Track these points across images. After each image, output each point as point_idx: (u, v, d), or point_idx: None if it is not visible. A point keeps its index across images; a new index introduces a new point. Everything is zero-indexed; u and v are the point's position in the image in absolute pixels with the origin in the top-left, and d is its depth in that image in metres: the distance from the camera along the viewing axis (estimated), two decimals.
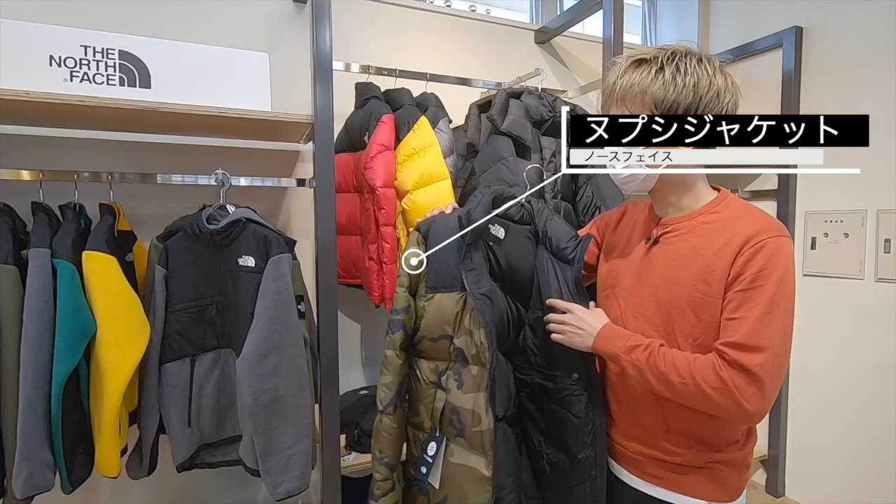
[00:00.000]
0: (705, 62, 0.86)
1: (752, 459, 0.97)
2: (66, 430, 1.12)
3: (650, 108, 0.85)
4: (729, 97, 0.86)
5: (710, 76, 0.84)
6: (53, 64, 1.18)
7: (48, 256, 1.12)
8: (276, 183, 1.46)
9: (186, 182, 1.33)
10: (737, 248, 0.82)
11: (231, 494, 1.66)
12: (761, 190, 2.18)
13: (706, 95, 0.84)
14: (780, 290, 0.80)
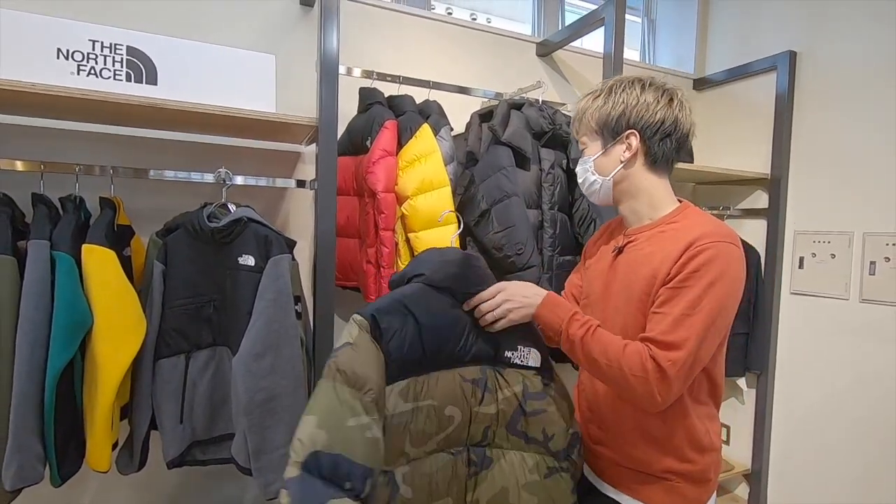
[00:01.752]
0: (639, 83, 0.96)
1: (714, 476, 0.99)
2: (59, 422, 1.12)
3: (595, 128, 0.99)
4: (660, 110, 0.94)
5: (638, 93, 0.95)
6: (61, 57, 1.19)
7: (47, 248, 1.12)
8: (275, 183, 1.47)
9: (186, 179, 1.33)
10: (681, 251, 0.87)
11: (221, 493, 1.65)
12: (752, 209, 2.22)
13: (634, 108, 0.94)
14: (708, 293, 0.84)
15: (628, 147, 0.95)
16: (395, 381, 0.87)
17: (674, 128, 0.95)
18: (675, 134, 0.95)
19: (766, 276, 2.13)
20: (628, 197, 0.99)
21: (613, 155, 0.97)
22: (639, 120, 0.94)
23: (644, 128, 0.94)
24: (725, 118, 2.37)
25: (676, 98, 0.96)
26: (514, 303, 0.93)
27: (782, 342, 2.11)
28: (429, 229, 1.38)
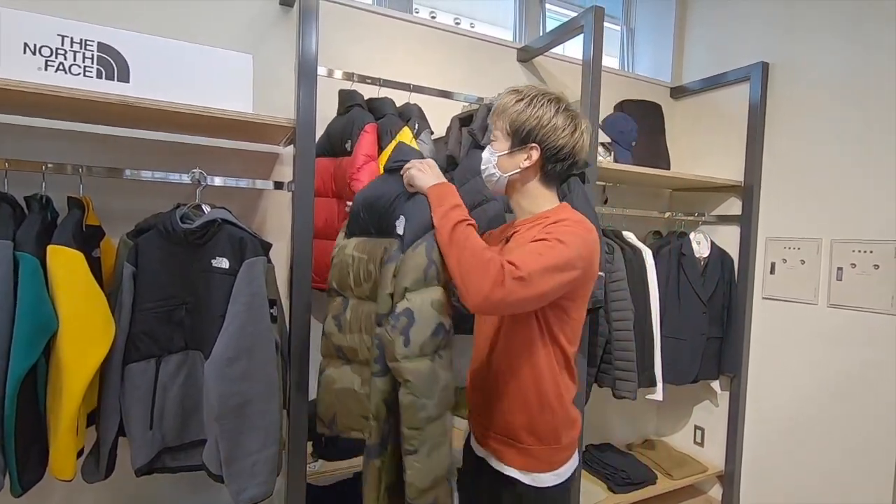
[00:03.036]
0: (555, 104, 1.05)
1: (568, 442, 1.10)
2: (20, 430, 1.07)
3: (508, 129, 1.07)
4: (564, 137, 1.04)
5: (551, 115, 1.04)
6: (28, 52, 1.15)
7: (10, 249, 1.09)
8: (252, 184, 1.45)
9: (160, 179, 1.31)
10: (543, 227, 1.01)
11: (191, 500, 1.61)
12: (726, 215, 2.27)
13: (545, 127, 1.04)
14: (556, 247, 0.95)
15: (529, 157, 1.06)
16: (353, 236, 1.16)
17: (570, 154, 1.06)
18: (569, 159, 1.07)
19: (740, 281, 2.18)
20: (517, 194, 1.11)
21: (515, 159, 1.07)
22: (544, 139, 1.04)
23: (546, 147, 1.05)
24: (701, 126, 2.43)
25: (580, 129, 1.06)
26: (418, 171, 1.06)
27: (755, 346, 2.16)
28: None
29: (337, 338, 1.17)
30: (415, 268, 0.96)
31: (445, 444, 1.02)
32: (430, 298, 0.96)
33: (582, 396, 1.79)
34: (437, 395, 0.97)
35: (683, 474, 2.17)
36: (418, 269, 0.96)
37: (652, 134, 2.35)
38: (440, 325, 0.97)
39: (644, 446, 2.42)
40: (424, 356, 0.96)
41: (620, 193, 2.37)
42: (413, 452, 0.97)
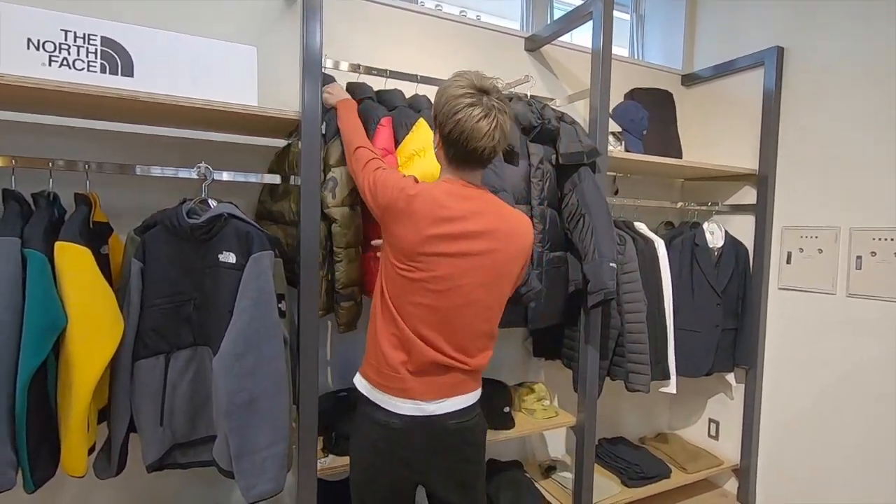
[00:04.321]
0: (458, 89, 1.07)
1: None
2: (31, 427, 1.07)
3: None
4: (453, 119, 1.05)
5: (446, 97, 1.07)
6: (31, 47, 1.14)
7: (18, 246, 1.08)
8: (259, 179, 1.44)
9: (166, 174, 1.29)
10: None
11: (202, 496, 1.62)
12: (740, 205, 2.23)
13: (439, 115, 1.10)
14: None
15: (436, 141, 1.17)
16: None
17: (458, 139, 1.08)
18: (458, 145, 1.09)
19: (755, 272, 2.13)
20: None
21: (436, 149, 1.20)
22: (447, 122, 1.09)
23: (443, 133, 1.10)
24: (713, 114, 2.38)
25: (469, 116, 1.07)
26: (328, 94, 1.37)
27: (770, 337, 2.12)
28: None
29: None
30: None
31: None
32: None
33: (594, 389, 1.77)
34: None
35: (698, 468, 2.14)
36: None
37: (663, 122, 2.31)
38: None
39: (657, 440, 2.39)
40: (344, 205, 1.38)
41: (632, 183, 2.33)
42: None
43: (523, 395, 1.94)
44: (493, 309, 1.16)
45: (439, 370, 1.12)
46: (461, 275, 1.08)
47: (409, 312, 1.10)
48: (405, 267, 1.08)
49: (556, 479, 2.00)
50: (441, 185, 1.11)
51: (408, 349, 1.11)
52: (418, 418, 1.11)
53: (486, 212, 1.11)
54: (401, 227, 1.08)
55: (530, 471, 2.05)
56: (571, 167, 1.59)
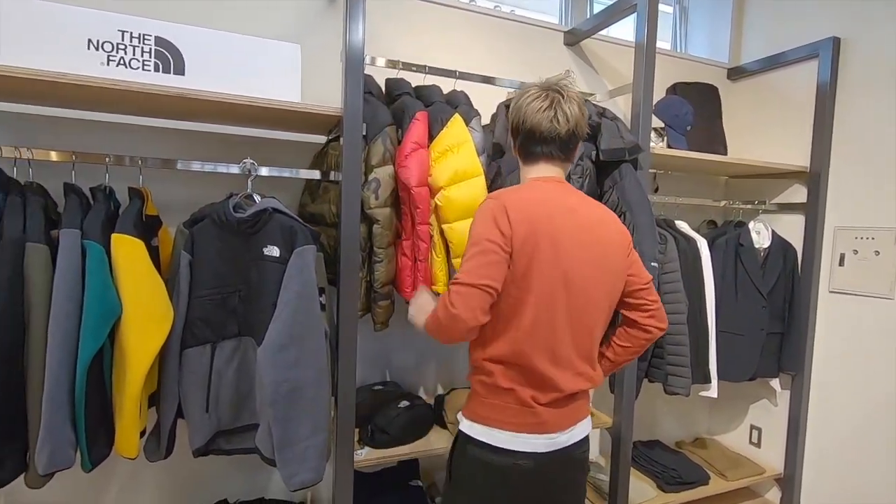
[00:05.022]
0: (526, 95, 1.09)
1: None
2: (89, 409, 1.13)
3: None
4: (520, 114, 1.09)
5: (518, 101, 1.10)
6: (91, 47, 1.19)
7: (79, 237, 1.14)
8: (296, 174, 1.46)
9: (214, 170, 1.33)
10: None
11: (244, 482, 1.67)
12: (789, 203, 2.13)
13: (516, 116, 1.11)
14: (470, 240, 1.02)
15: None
16: None
17: (525, 131, 1.10)
18: (521, 136, 1.11)
19: (804, 274, 2.04)
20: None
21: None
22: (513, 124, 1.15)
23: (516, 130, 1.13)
24: (761, 109, 2.28)
25: (521, 100, 1.10)
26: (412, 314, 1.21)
27: (819, 342, 2.03)
28: (463, 220, 1.36)
29: None
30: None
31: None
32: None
33: (632, 391, 1.73)
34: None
35: (739, 475, 2.07)
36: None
37: (707, 118, 2.23)
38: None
39: (695, 445, 2.33)
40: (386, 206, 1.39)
41: (673, 181, 2.27)
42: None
43: None
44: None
45: (570, 394, 1.06)
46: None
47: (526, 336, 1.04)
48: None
49: (590, 480, 1.97)
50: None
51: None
52: (553, 453, 1.04)
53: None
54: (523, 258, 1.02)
55: None
56: (612, 164, 1.55)
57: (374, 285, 1.42)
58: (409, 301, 1.47)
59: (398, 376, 1.86)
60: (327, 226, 1.49)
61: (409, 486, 1.73)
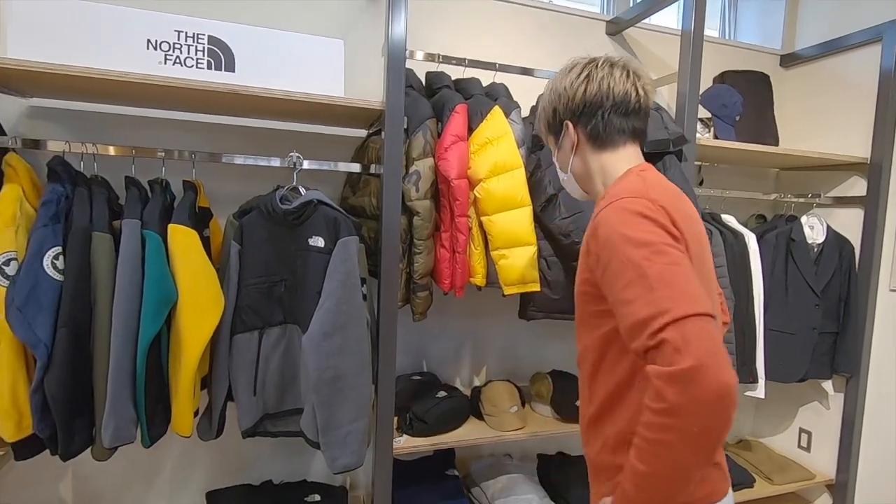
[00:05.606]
0: (560, 74, 0.94)
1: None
2: (149, 389, 1.20)
3: (546, 132, 1.01)
4: (577, 88, 0.91)
5: (556, 85, 0.94)
6: (150, 48, 1.25)
7: (139, 227, 1.21)
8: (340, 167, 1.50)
9: (264, 164, 1.38)
10: (590, 230, 0.83)
11: (287, 464, 1.74)
12: (846, 197, 2.02)
13: (558, 100, 0.94)
14: (620, 257, 0.73)
15: (568, 136, 0.95)
16: None
17: (600, 99, 0.90)
18: (607, 103, 0.90)
19: (861, 271, 1.94)
20: (587, 182, 0.97)
21: (564, 148, 0.97)
22: (565, 109, 0.94)
23: (573, 113, 0.93)
24: (816, 97, 2.16)
25: (593, 68, 0.91)
26: None
27: (878, 343, 1.92)
28: (502, 212, 1.36)
29: None
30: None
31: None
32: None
33: None
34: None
35: (786, 480, 2.00)
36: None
37: (757, 107, 2.14)
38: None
39: (739, 446, 2.25)
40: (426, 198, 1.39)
41: (720, 174, 2.19)
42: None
43: None
44: None
45: None
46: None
47: None
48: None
49: None
50: (631, 174, 0.89)
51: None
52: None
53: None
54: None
55: None
56: (656, 155, 1.51)
57: (414, 276, 1.44)
58: (446, 292, 1.48)
59: (435, 367, 1.88)
60: (367, 218, 1.53)
61: (445, 476, 1.75)
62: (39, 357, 1.11)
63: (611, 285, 0.74)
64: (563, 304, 1.52)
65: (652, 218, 0.75)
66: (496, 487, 1.71)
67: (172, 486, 1.64)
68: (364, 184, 1.56)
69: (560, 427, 1.68)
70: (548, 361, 2.00)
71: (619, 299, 0.72)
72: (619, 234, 0.74)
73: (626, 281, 0.71)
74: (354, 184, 1.62)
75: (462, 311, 1.87)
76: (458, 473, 1.79)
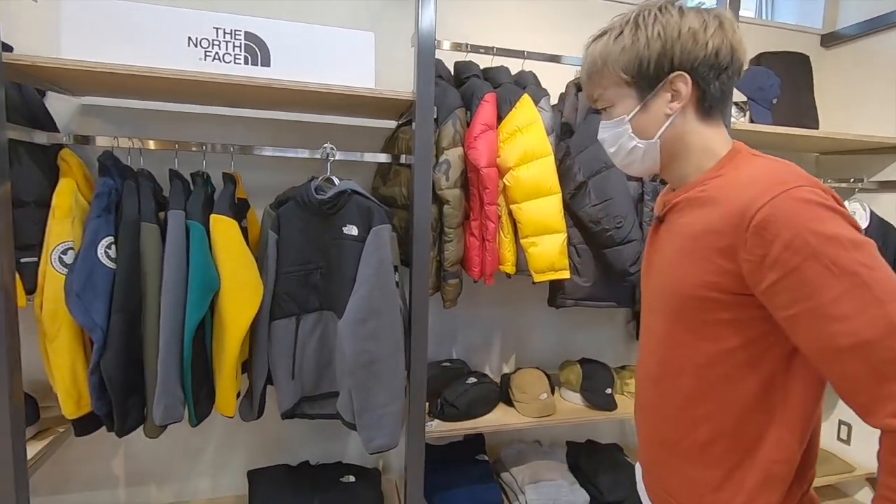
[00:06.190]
0: (673, 7, 0.73)
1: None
2: (195, 371, 1.27)
3: (626, 77, 0.75)
4: (713, 37, 0.71)
5: (678, 20, 0.71)
6: (191, 45, 1.31)
7: (183, 217, 1.27)
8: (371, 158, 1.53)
9: (298, 155, 1.43)
10: (734, 222, 0.65)
11: (323, 446, 1.80)
12: (890, 181, 1.95)
13: (678, 41, 0.71)
14: (822, 262, 0.60)
15: (675, 95, 0.73)
16: None
17: (728, 57, 0.72)
18: (734, 65, 0.74)
19: None
20: (677, 159, 0.78)
21: (656, 109, 0.75)
22: (685, 57, 0.72)
23: (695, 65, 0.72)
24: (859, 78, 2.08)
25: (723, 18, 0.73)
26: None
27: None
28: (532, 200, 1.37)
29: None
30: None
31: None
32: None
33: None
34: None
35: (823, 472, 1.95)
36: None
37: (796, 89, 2.07)
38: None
39: None
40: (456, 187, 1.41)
41: None
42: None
43: (626, 379, 1.89)
44: None
45: None
46: None
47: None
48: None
49: None
50: (751, 155, 0.75)
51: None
52: None
53: None
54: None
55: (630, 455, 2.00)
56: None
57: (444, 264, 1.47)
58: (476, 280, 1.50)
59: (464, 354, 1.91)
60: (398, 207, 1.56)
61: (475, 461, 1.78)
62: (96, 340, 1.18)
63: (798, 295, 0.61)
64: (594, 291, 1.52)
65: (843, 213, 0.62)
66: (526, 473, 1.74)
67: (215, 465, 1.73)
68: (394, 174, 1.59)
69: (590, 414, 1.69)
70: (577, 349, 2.00)
71: (823, 314, 0.60)
72: (813, 233, 0.60)
73: (838, 292, 0.59)
74: (385, 174, 1.65)
75: (492, 298, 1.88)
76: (489, 459, 1.82)
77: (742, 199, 0.65)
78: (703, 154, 0.76)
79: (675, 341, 0.76)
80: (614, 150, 0.82)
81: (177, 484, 1.70)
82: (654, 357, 0.81)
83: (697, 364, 0.74)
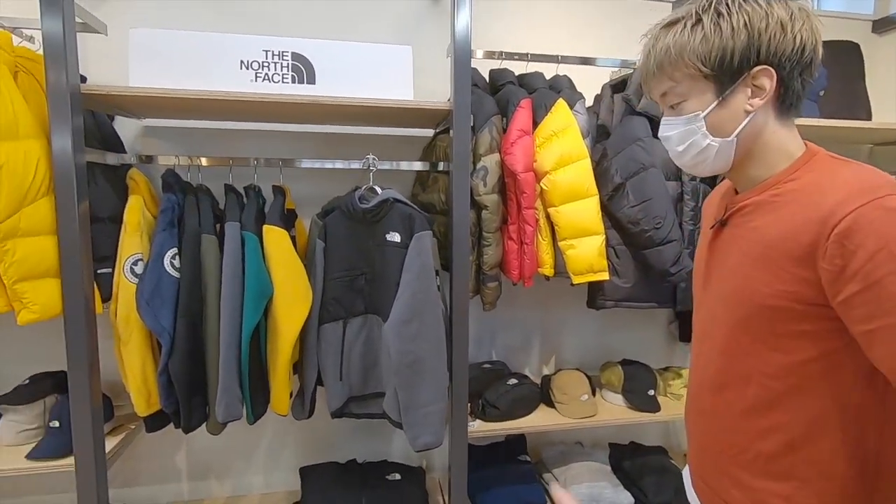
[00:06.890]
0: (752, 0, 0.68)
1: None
2: (252, 373, 1.36)
3: (704, 70, 0.69)
4: (801, 31, 0.67)
5: (764, 9, 0.66)
6: (243, 67, 1.40)
7: (238, 229, 1.36)
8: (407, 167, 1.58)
9: (342, 167, 1.50)
10: (815, 230, 0.62)
11: (370, 446, 1.87)
12: None
13: (765, 32, 0.66)
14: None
15: (756, 91, 0.69)
16: None
17: (814, 55, 0.69)
18: (814, 63, 0.69)
19: None
20: (749, 161, 0.74)
21: (735, 105, 0.70)
22: (773, 51, 0.67)
23: (781, 60, 0.67)
24: None
25: (812, 12, 0.69)
26: None
27: None
28: (569, 203, 1.39)
29: None
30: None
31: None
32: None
33: None
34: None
35: None
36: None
37: (846, 79, 1.98)
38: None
39: None
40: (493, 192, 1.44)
41: None
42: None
43: (669, 380, 1.87)
44: None
45: None
46: None
47: None
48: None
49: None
50: (829, 157, 0.72)
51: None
52: None
53: None
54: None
55: (675, 458, 1.97)
56: None
57: (483, 268, 1.50)
58: (515, 282, 1.53)
59: (504, 356, 1.94)
60: (437, 213, 1.60)
61: (517, 461, 1.81)
62: (164, 343, 1.28)
63: (878, 311, 0.59)
64: (633, 291, 1.52)
65: None
66: (569, 474, 1.75)
67: (267, 462, 1.82)
68: (433, 181, 1.64)
69: (633, 416, 1.68)
70: (617, 350, 1.99)
71: None
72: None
73: None
74: (424, 181, 1.70)
75: (531, 301, 1.91)
76: (530, 459, 1.83)
77: (825, 205, 0.62)
78: (778, 155, 0.72)
79: (740, 350, 0.74)
80: (682, 149, 0.76)
81: (233, 479, 1.81)
82: (713, 365, 0.79)
83: (765, 374, 0.71)
